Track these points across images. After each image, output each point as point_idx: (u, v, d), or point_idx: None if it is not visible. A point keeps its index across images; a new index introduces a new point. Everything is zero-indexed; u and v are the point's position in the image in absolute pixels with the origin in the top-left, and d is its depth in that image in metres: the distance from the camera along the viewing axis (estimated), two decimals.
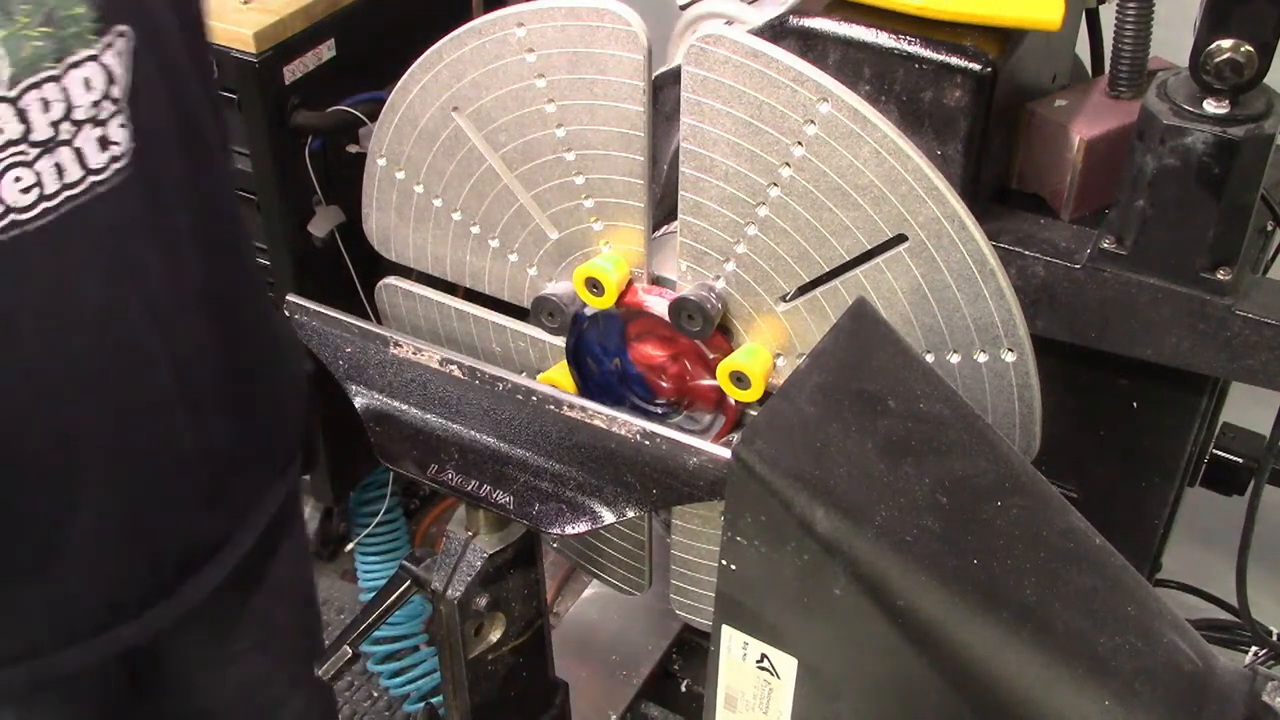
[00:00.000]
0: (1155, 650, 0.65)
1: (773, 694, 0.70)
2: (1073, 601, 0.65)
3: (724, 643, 0.70)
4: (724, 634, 0.70)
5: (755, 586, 0.67)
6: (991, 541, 0.65)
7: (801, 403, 0.67)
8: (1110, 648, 0.63)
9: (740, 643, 0.69)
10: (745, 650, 0.69)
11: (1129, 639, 0.64)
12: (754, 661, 0.69)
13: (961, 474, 0.67)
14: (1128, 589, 0.67)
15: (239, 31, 1.41)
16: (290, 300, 0.97)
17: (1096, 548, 0.69)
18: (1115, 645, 0.64)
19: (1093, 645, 0.63)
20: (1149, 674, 0.64)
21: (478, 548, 0.98)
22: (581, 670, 1.40)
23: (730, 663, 0.71)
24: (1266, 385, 0.95)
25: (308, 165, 1.52)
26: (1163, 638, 0.66)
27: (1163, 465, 1.11)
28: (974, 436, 0.69)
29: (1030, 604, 0.64)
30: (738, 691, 0.71)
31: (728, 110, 0.86)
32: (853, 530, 0.62)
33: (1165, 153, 0.91)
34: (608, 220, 0.97)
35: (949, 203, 0.82)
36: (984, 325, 0.85)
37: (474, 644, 1.00)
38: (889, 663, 0.64)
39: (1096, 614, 0.65)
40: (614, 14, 0.88)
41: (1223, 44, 0.87)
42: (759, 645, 0.69)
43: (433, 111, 0.98)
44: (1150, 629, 0.66)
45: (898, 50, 0.92)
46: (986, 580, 0.64)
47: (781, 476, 0.63)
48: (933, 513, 0.65)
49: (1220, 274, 0.93)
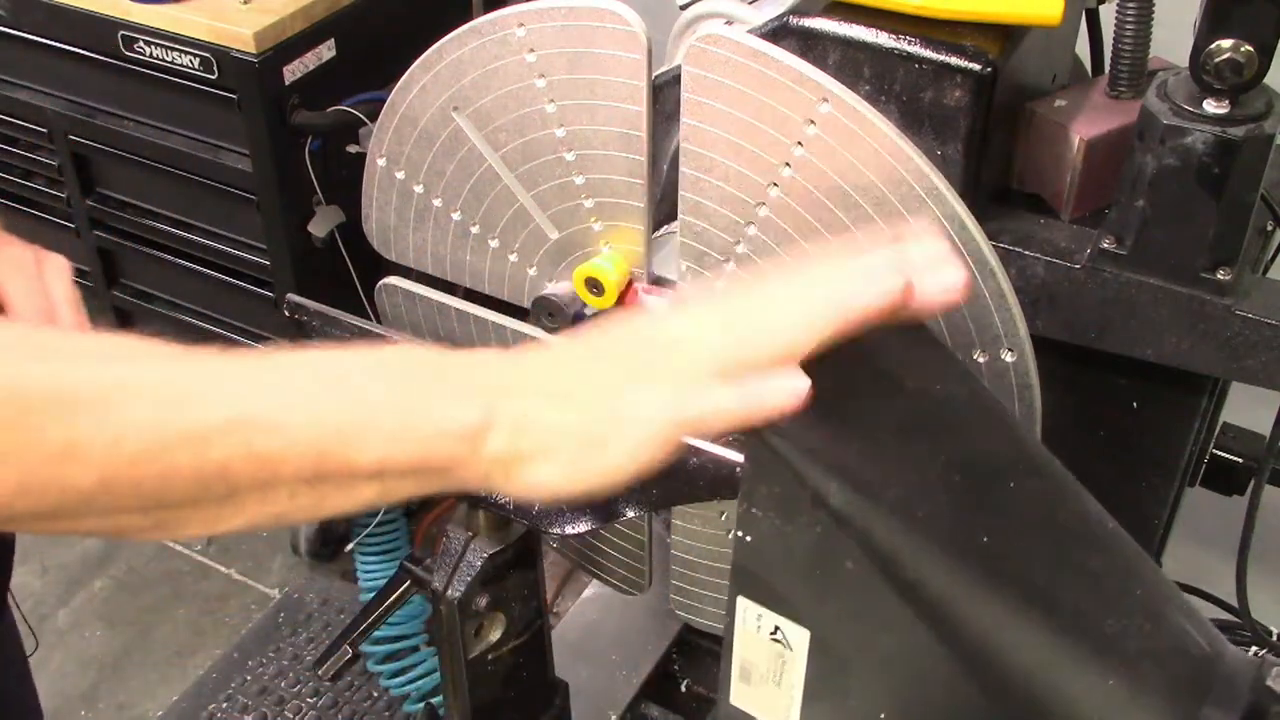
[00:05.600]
0: (1163, 633, 0.65)
1: (785, 666, 0.70)
2: (1082, 582, 0.65)
3: (739, 614, 0.71)
4: (739, 605, 0.71)
5: (769, 558, 0.68)
6: (1003, 521, 0.66)
7: (819, 379, 0.68)
8: (1118, 629, 0.64)
9: (755, 614, 0.70)
10: (760, 622, 0.70)
11: (1137, 621, 0.65)
12: (768, 633, 0.70)
13: (975, 454, 0.68)
14: (1138, 573, 0.68)
15: (239, 31, 1.41)
16: (290, 300, 0.97)
17: (1109, 531, 0.69)
18: (1123, 627, 0.64)
19: (1100, 626, 0.64)
20: (1155, 656, 0.64)
21: (478, 548, 0.98)
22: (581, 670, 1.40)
23: (745, 635, 0.71)
24: (1266, 385, 0.95)
25: (308, 165, 1.52)
26: (1171, 622, 0.66)
27: (1163, 465, 1.11)
28: (989, 418, 0.70)
29: (1039, 583, 0.65)
30: (752, 664, 0.72)
31: (728, 110, 0.86)
32: (865, 505, 0.63)
33: (1165, 153, 0.91)
34: (608, 220, 0.97)
35: (949, 203, 0.82)
36: (984, 325, 0.85)
37: (474, 644, 1.00)
38: (898, 636, 0.65)
39: (1105, 595, 0.65)
40: (614, 14, 0.88)
41: (1223, 44, 0.87)
42: (772, 617, 0.70)
43: (433, 111, 0.98)
44: (1159, 613, 0.66)
45: (898, 50, 0.92)
46: (996, 558, 0.64)
47: (796, 450, 0.64)
48: (945, 491, 0.65)
49: (1220, 274, 0.93)
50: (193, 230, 1.65)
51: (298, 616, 1.97)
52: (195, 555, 2.16)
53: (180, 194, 1.62)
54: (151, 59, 1.48)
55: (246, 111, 1.46)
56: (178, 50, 1.46)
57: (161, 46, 1.46)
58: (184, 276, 1.70)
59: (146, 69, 1.50)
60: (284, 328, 1.03)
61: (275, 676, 1.87)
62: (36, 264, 0.97)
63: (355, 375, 0.65)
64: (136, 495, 0.61)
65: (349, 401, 0.64)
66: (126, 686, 1.96)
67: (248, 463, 0.61)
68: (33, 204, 1.76)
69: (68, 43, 1.55)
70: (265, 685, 1.85)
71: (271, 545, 2.17)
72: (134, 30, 1.47)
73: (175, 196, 1.63)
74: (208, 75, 1.46)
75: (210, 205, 1.61)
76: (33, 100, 1.64)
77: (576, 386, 0.66)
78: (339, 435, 0.62)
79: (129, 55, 1.50)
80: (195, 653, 2.00)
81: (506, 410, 0.64)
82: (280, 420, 0.62)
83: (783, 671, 0.71)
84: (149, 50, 1.48)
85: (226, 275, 1.66)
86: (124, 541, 2.16)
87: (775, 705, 0.73)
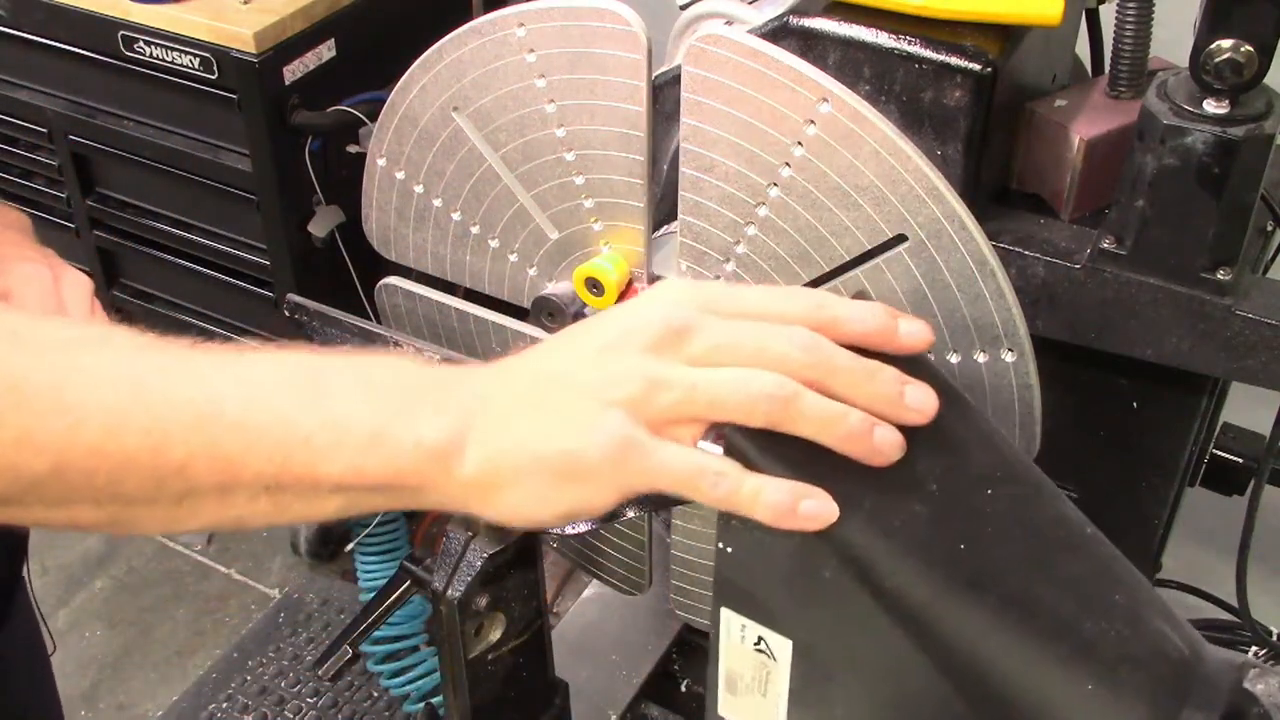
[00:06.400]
0: (1142, 637, 0.65)
1: (770, 677, 0.71)
2: (1060, 587, 0.66)
3: (723, 625, 0.71)
4: (723, 616, 0.71)
5: (750, 569, 0.68)
6: (980, 527, 0.66)
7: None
8: (1096, 633, 0.64)
9: (739, 625, 0.70)
10: (744, 633, 0.70)
11: (1116, 625, 0.65)
12: (752, 644, 0.70)
13: (953, 462, 0.68)
14: (1117, 577, 0.68)
15: (239, 31, 1.41)
16: (290, 300, 0.98)
17: (1087, 536, 0.69)
18: (1101, 631, 0.64)
19: (1078, 630, 0.64)
20: (1134, 660, 0.64)
21: (478, 548, 0.98)
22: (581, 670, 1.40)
23: (730, 645, 0.72)
24: (1266, 385, 0.95)
25: (308, 165, 1.52)
26: (1150, 625, 0.66)
27: (1163, 465, 1.11)
28: (967, 425, 0.70)
29: (1017, 589, 0.65)
30: (737, 674, 0.73)
31: (728, 110, 0.86)
32: (842, 514, 0.63)
33: (1165, 153, 0.91)
34: (608, 220, 0.97)
35: (949, 203, 0.82)
36: (984, 325, 0.85)
37: (474, 644, 1.00)
38: (878, 645, 0.65)
39: (1084, 600, 0.65)
40: (614, 14, 0.88)
41: (1223, 44, 0.87)
42: (756, 628, 0.70)
43: (433, 111, 0.98)
44: (1138, 617, 0.66)
45: (898, 50, 0.92)
46: (974, 565, 0.64)
47: (772, 460, 0.64)
48: (922, 499, 0.66)
49: (1220, 274, 0.93)
50: (193, 230, 1.65)
51: (298, 616, 1.97)
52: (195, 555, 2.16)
53: (180, 194, 1.62)
54: (151, 59, 1.48)
55: (246, 111, 1.46)
56: (178, 50, 1.45)
57: (161, 46, 1.46)
58: (184, 276, 1.70)
59: (146, 69, 1.50)
60: (284, 328, 1.03)
61: (275, 676, 1.87)
62: (55, 281, 0.95)
63: (329, 383, 0.62)
64: (90, 486, 0.59)
65: (317, 409, 0.61)
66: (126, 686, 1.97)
67: (207, 462, 0.60)
68: (33, 204, 1.76)
69: (68, 43, 1.55)
70: (265, 685, 1.85)
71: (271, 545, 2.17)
72: (134, 30, 1.47)
73: (175, 196, 1.63)
74: (208, 75, 1.46)
75: (210, 205, 1.61)
76: (33, 100, 1.64)
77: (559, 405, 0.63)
78: (304, 443, 0.60)
79: (129, 55, 1.50)
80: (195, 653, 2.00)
81: (482, 431, 0.62)
82: (244, 420, 0.60)
83: (767, 682, 0.71)
84: (149, 50, 1.48)
85: (226, 275, 1.66)
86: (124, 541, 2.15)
87: (761, 715, 0.73)
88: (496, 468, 0.63)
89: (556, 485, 0.63)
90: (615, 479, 0.62)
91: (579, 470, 0.62)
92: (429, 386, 0.64)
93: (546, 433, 0.62)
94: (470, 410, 0.63)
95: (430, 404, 0.63)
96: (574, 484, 0.63)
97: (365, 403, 0.62)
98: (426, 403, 0.63)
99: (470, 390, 0.65)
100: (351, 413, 0.62)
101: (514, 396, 0.65)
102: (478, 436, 0.62)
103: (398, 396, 0.63)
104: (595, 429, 0.62)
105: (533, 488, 0.63)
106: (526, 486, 0.63)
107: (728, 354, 0.64)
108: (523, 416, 0.63)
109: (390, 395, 0.63)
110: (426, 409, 0.63)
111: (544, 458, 0.62)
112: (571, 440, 0.62)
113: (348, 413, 0.62)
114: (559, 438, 0.62)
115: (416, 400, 0.63)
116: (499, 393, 0.65)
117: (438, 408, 0.63)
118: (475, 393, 0.65)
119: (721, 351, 0.64)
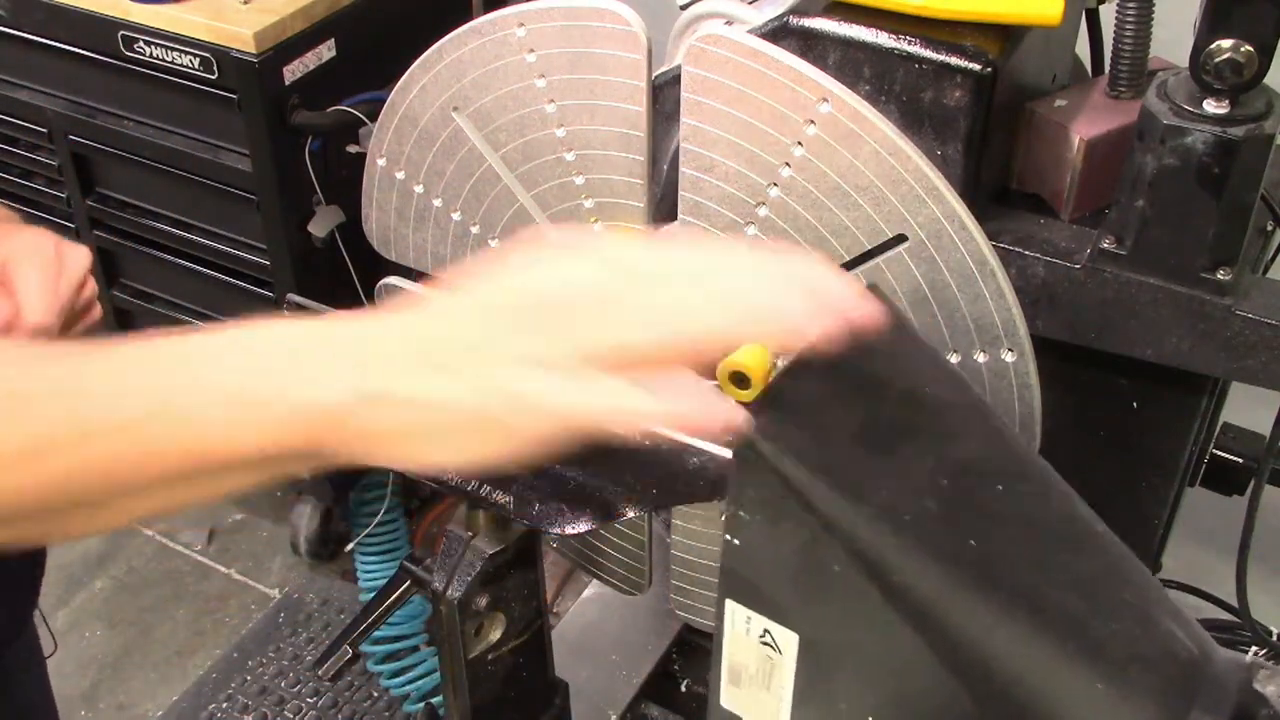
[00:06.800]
0: (1151, 637, 0.65)
1: (774, 670, 0.70)
2: (1069, 586, 0.66)
3: (728, 617, 0.71)
4: (728, 608, 0.71)
5: (757, 561, 0.68)
6: (990, 524, 0.66)
7: (807, 381, 0.67)
8: (1105, 632, 0.64)
9: (744, 617, 0.70)
10: (749, 625, 0.70)
11: (1125, 625, 0.65)
12: (757, 637, 0.70)
13: (963, 458, 0.68)
14: (1127, 576, 0.68)
15: (239, 31, 1.41)
16: (290, 300, 0.97)
17: (1098, 534, 0.69)
18: (1110, 630, 0.64)
19: (1087, 629, 0.64)
20: (1143, 659, 0.64)
21: (478, 548, 0.98)
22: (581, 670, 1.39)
23: (734, 638, 0.71)
24: (1266, 385, 0.95)
25: (308, 165, 1.52)
26: (1159, 625, 0.66)
27: (1163, 465, 1.11)
28: (978, 422, 0.70)
29: (1026, 586, 0.65)
30: (741, 667, 0.72)
31: (728, 110, 0.86)
32: (851, 508, 0.63)
33: (1165, 153, 0.91)
34: (608, 220, 0.97)
35: (949, 203, 0.82)
36: (984, 325, 0.85)
37: (474, 644, 1.00)
38: (885, 640, 0.65)
39: (1093, 599, 0.65)
40: (614, 14, 0.88)
41: (1223, 44, 0.87)
42: (761, 620, 0.70)
43: (433, 111, 0.98)
44: (1147, 616, 0.66)
45: (898, 50, 0.92)
46: (983, 561, 0.64)
47: (783, 453, 0.64)
48: (932, 494, 0.65)
49: (1220, 274, 0.93)
50: (193, 230, 1.65)
51: (298, 616, 1.97)
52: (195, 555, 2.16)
53: (180, 194, 1.62)
54: (151, 59, 1.48)
55: (246, 111, 1.46)
56: (178, 50, 1.46)
57: (161, 46, 1.46)
58: (184, 276, 1.70)
59: (146, 69, 1.50)
60: None
61: (275, 676, 1.87)
62: (57, 254, 0.95)
63: (200, 358, 0.61)
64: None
65: (194, 389, 0.60)
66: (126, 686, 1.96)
67: (88, 475, 0.59)
68: (33, 204, 1.76)
69: (68, 43, 1.55)
70: (265, 685, 1.85)
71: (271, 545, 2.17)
72: (134, 30, 1.47)
73: (175, 196, 1.63)
74: (208, 75, 1.46)
75: (210, 205, 1.61)
76: (33, 100, 1.64)
77: (462, 354, 0.61)
78: (200, 425, 0.59)
79: (129, 55, 1.50)
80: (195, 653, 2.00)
81: (377, 386, 0.60)
82: (130, 423, 0.59)
83: (772, 674, 0.71)
84: (149, 50, 1.48)
85: (226, 275, 1.66)
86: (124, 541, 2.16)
87: (765, 708, 0.73)
88: (399, 417, 0.61)
89: (460, 435, 0.62)
90: (518, 428, 0.61)
91: (483, 420, 0.61)
92: (323, 343, 0.63)
93: (442, 384, 0.61)
94: (370, 362, 0.62)
95: (321, 363, 0.62)
96: (476, 433, 0.61)
97: (249, 373, 0.61)
98: (318, 361, 0.62)
99: (373, 339, 0.64)
100: (225, 384, 0.60)
101: (407, 348, 0.63)
102: (375, 389, 0.61)
103: (288, 359, 0.62)
104: (487, 379, 0.60)
105: (437, 438, 0.62)
106: (431, 437, 0.62)
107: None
108: (433, 363, 0.62)
109: (277, 360, 0.62)
110: (315, 369, 0.61)
111: (445, 404, 0.61)
112: (465, 393, 0.61)
113: (242, 386, 0.60)
114: (452, 389, 0.61)
115: (308, 360, 0.62)
116: (405, 340, 0.63)
117: (328, 367, 0.62)
118: (379, 341, 0.64)
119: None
